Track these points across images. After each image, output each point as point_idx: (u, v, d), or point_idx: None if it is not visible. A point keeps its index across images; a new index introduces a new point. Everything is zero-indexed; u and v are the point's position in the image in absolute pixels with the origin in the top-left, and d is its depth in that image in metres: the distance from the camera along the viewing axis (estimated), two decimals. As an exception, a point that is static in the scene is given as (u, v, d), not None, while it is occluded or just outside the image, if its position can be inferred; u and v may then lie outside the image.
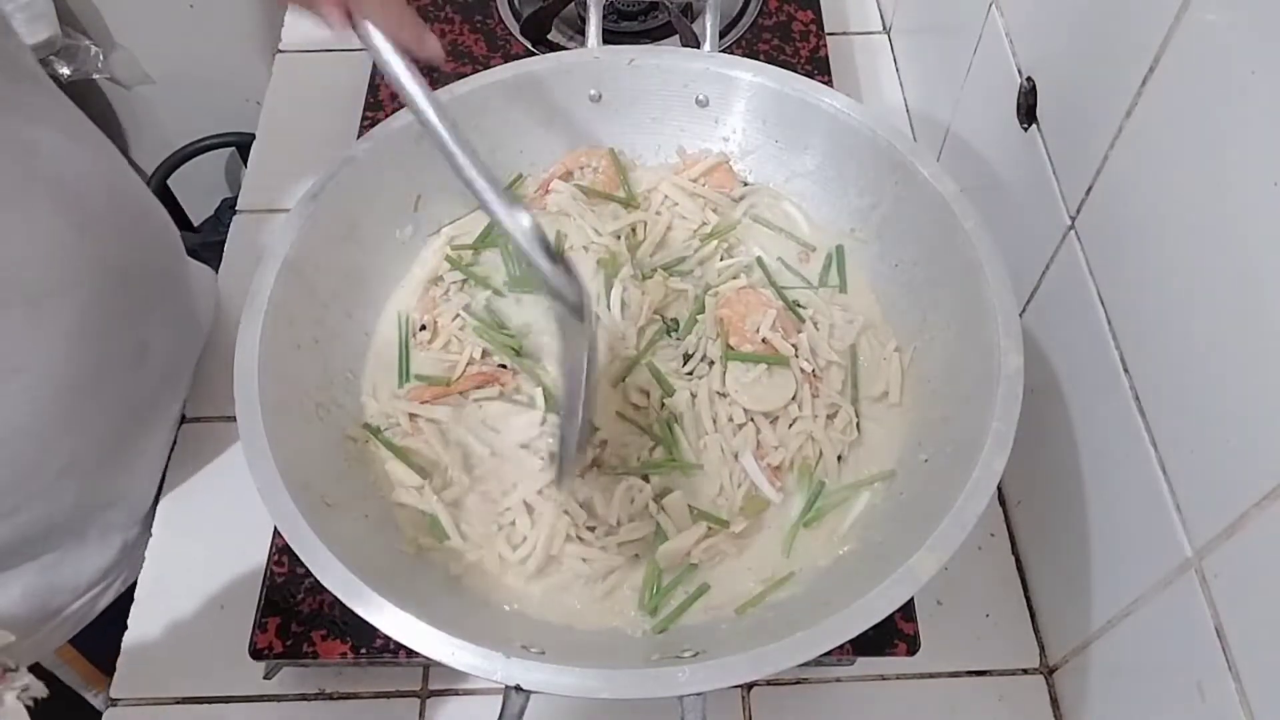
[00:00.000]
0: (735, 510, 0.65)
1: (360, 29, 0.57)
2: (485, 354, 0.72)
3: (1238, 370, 0.49)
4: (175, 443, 0.81)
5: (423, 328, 0.73)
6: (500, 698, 0.52)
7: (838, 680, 0.71)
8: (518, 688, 0.52)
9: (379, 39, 0.57)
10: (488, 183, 0.57)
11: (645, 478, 0.65)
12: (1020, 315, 0.64)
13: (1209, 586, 0.52)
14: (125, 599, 0.76)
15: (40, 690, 0.52)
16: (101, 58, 1.42)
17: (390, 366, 0.72)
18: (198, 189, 1.60)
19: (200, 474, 0.80)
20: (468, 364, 0.70)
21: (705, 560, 0.64)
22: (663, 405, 0.68)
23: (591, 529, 0.64)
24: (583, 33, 0.85)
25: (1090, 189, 0.62)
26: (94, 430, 0.70)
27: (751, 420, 0.67)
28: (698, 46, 0.79)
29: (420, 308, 0.74)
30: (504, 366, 0.70)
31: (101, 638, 0.77)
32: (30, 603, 0.73)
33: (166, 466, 0.80)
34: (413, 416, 0.68)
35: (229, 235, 0.94)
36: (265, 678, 0.70)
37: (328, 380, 0.69)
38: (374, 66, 0.96)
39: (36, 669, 0.74)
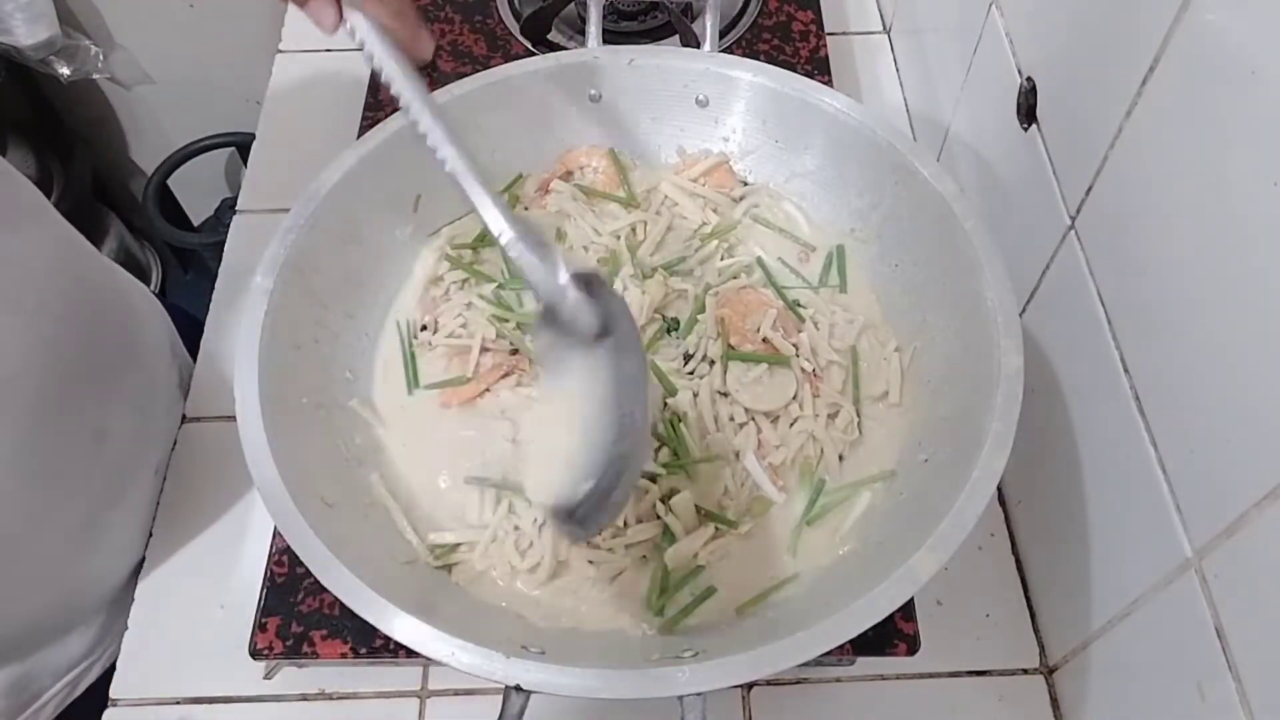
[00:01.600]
0: (742, 511, 0.65)
1: (352, 20, 0.55)
2: (494, 341, 0.71)
3: (1238, 370, 0.49)
4: (155, 517, 0.79)
5: (423, 328, 0.73)
6: (500, 698, 0.52)
7: (838, 680, 0.71)
8: (518, 688, 0.52)
9: (372, 35, 0.55)
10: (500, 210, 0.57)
11: (652, 479, 0.65)
12: (1020, 315, 0.64)
13: (1209, 586, 0.52)
14: (108, 677, 0.74)
15: None
16: (101, 58, 1.42)
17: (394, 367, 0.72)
18: (198, 189, 1.61)
19: (200, 474, 0.80)
20: (480, 350, 0.70)
21: (712, 561, 0.64)
22: (665, 405, 0.68)
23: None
24: (583, 33, 0.85)
25: (1090, 189, 0.62)
26: (57, 522, 0.68)
27: (752, 419, 0.67)
28: (698, 46, 0.79)
29: (420, 308, 0.74)
30: (516, 352, 0.70)
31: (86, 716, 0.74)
32: (9, 694, 0.70)
33: (149, 537, 0.78)
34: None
35: (229, 235, 0.94)
36: (265, 678, 0.70)
37: (328, 380, 0.69)
38: (374, 66, 0.96)
39: None
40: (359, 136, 0.75)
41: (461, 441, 0.69)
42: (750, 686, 0.71)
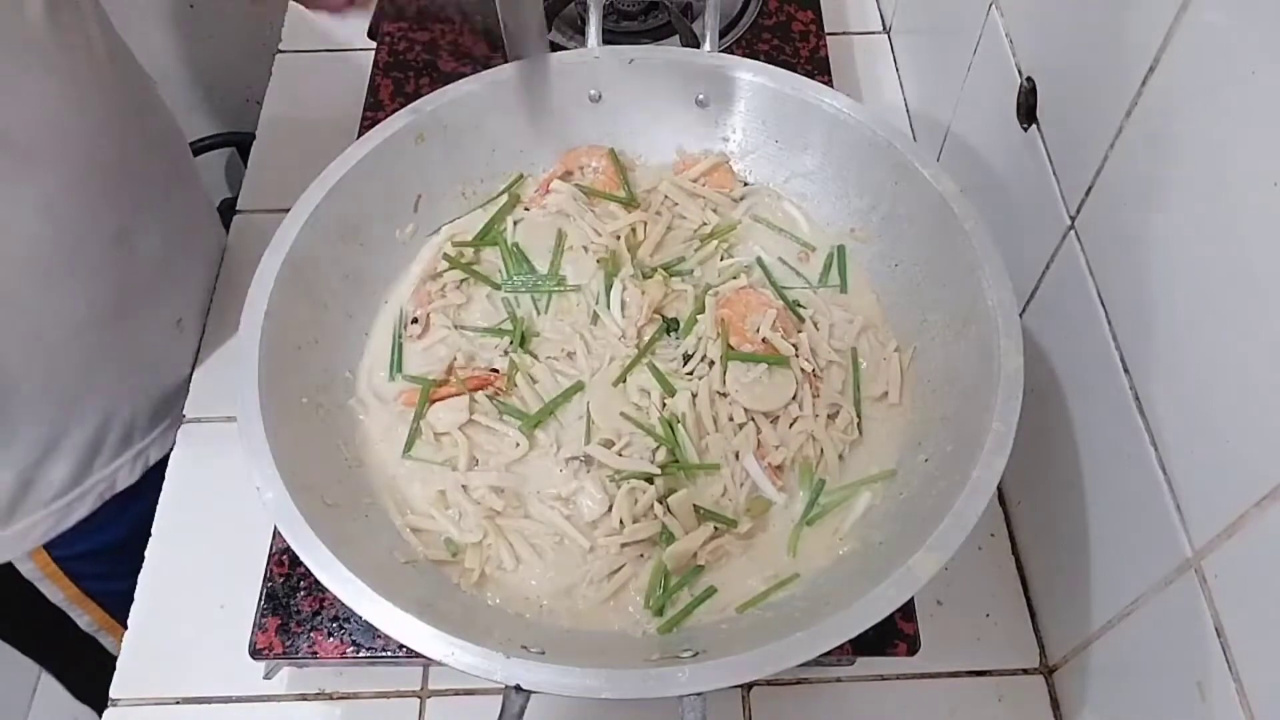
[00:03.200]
0: (740, 510, 0.65)
1: None
2: (469, 361, 0.71)
3: (1238, 370, 0.49)
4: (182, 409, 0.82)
5: (414, 320, 0.73)
6: (500, 698, 0.52)
7: (838, 680, 0.71)
8: (518, 688, 0.52)
9: None
10: None
11: (649, 479, 0.65)
12: (1020, 315, 0.64)
13: (1209, 586, 0.52)
14: (105, 530, 0.78)
15: None
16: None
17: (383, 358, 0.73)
18: None
19: (200, 474, 0.80)
20: (449, 370, 0.70)
21: (712, 561, 0.64)
22: (664, 405, 0.68)
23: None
24: (583, 33, 0.85)
25: (1090, 189, 0.62)
26: (73, 307, 0.70)
27: (752, 420, 0.67)
28: (698, 46, 0.79)
29: (415, 300, 0.74)
30: (495, 371, 0.70)
31: (110, 582, 0.79)
32: (82, 449, 0.75)
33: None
34: (437, 434, 0.68)
35: (229, 235, 0.94)
36: (265, 678, 0.70)
37: (328, 380, 0.69)
38: (374, 65, 0.96)
39: (56, 612, 0.81)
40: (359, 136, 0.75)
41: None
42: (750, 686, 0.71)
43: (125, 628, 0.73)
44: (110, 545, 0.81)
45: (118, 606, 0.76)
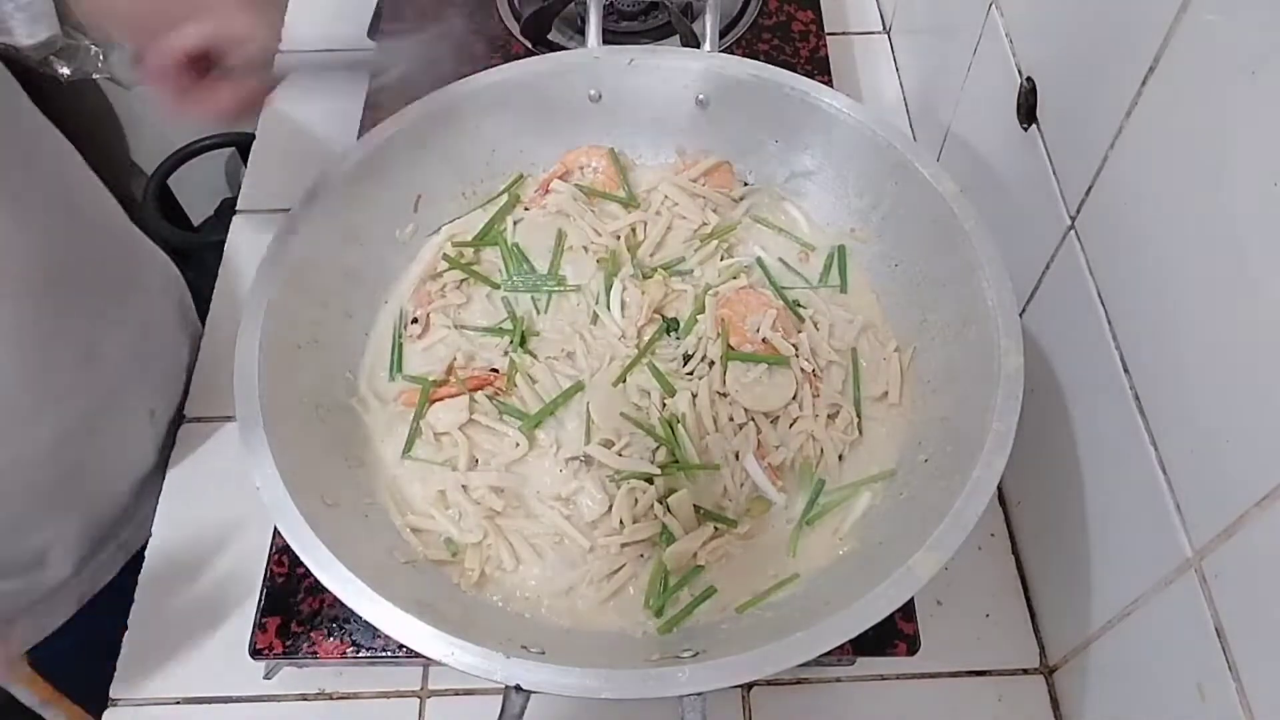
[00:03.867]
0: (740, 511, 0.65)
1: None
2: (469, 361, 0.71)
3: (1238, 370, 0.49)
4: (172, 444, 0.81)
5: (414, 320, 0.73)
6: (500, 698, 0.52)
7: (838, 680, 0.71)
8: (518, 688, 0.52)
9: None
10: None
11: (649, 479, 0.65)
12: (1020, 315, 0.64)
13: (1209, 586, 0.52)
14: (83, 624, 0.75)
15: None
16: (101, 58, 1.41)
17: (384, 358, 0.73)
18: (198, 189, 1.60)
19: (200, 474, 0.80)
20: (449, 370, 0.70)
21: (711, 561, 0.64)
22: (664, 405, 0.68)
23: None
24: (583, 33, 0.85)
25: (1090, 189, 0.62)
26: (41, 434, 0.68)
27: (752, 420, 0.67)
28: (698, 46, 0.79)
29: (415, 300, 0.74)
30: (495, 371, 0.71)
31: (86, 683, 0.75)
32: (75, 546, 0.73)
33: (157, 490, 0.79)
34: (437, 434, 0.68)
35: (229, 235, 0.94)
36: (265, 678, 0.70)
37: (328, 380, 0.69)
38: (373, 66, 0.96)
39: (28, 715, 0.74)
40: (359, 137, 0.75)
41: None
42: (750, 686, 0.71)
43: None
44: (88, 640, 0.78)
45: (94, 699, 0.73)
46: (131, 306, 0.78)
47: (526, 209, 0.79)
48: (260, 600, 0.68)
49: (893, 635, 0.65)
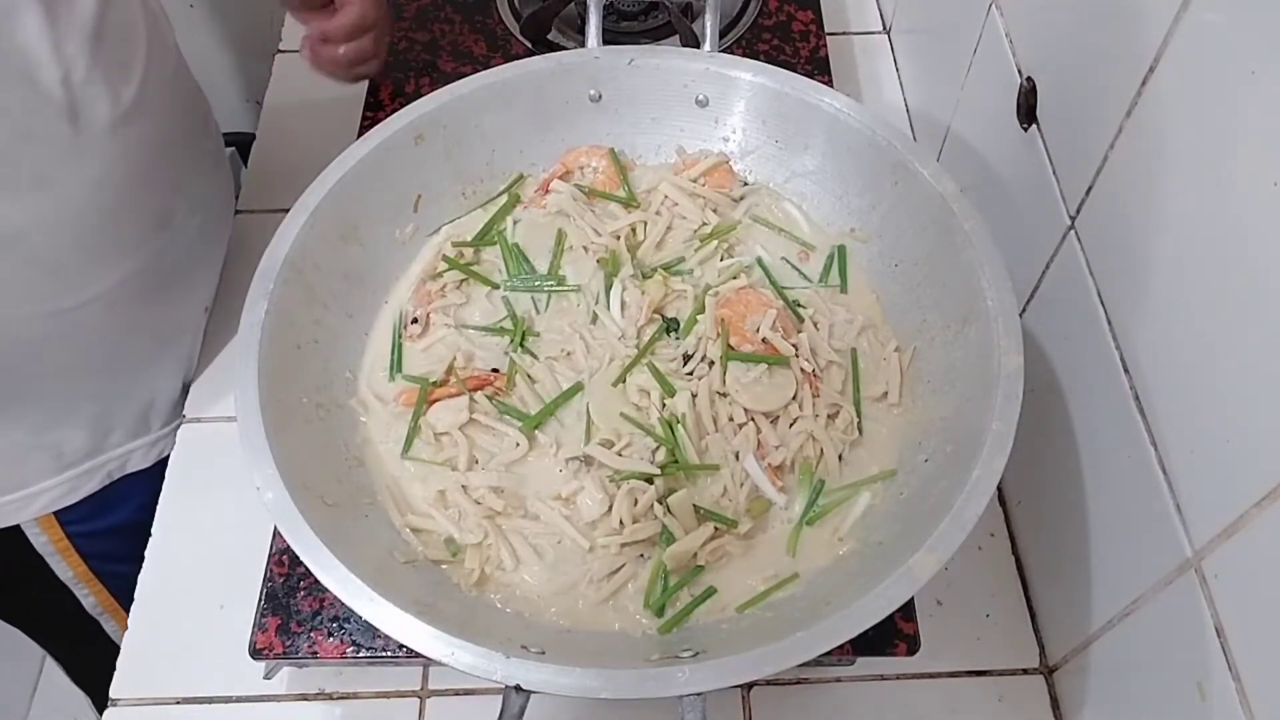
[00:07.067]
0: (740, 511, 0.65)
1: None
2: (469, 361, 0.72)
3: (1238, 370, 0.49)
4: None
5: (414, 320, 0.73)
6: (500, 698, 0.52)
7: (837, 680, 0.71)
8: (518, 688, 0.52)
9: None
10: None
11: (649, 479, 0.65)
12: (1020, 315, 0.64)
13: (1209, 586, 0.52)
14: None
15: None
16: None
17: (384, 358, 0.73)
18: None
19: (200, 474, 0.80)
20: (449, 370, 0.70)
21: (711, 561, 0.64)
22: (663, 405, 0.68)
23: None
24: (583, 33, 0.85)
25: (1090, 189, 0.62)
26: (104, 288, 0.72)
27: (752, 420, 0.67)
28: (698, 46, 0.79)
29: (415, 300, 0.74)
30: (495, 371, 0.71)
31: (117, 564, 0.81)
32: (89, 426, 0.77)
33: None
34: (437, 434, 0.68)
35: (229, 235, 0.94)
36: (265, 678, 0.70)
37: (328, 380, 0.69)
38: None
39: (63, 591, 0.85)
40: (359, 136, 0.75)
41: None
42: (750, 686, 0.71)
43: (128, 612, 0.74)
44: (120, 525, 0.82)
45: (122, 589, 0.78)
46: (205, 191, 0.83)
47: (526, 209, 0.79)
48: (260, 600, 0.68)
49: (892, 635, 0.66)
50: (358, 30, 0.83)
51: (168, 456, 0.82)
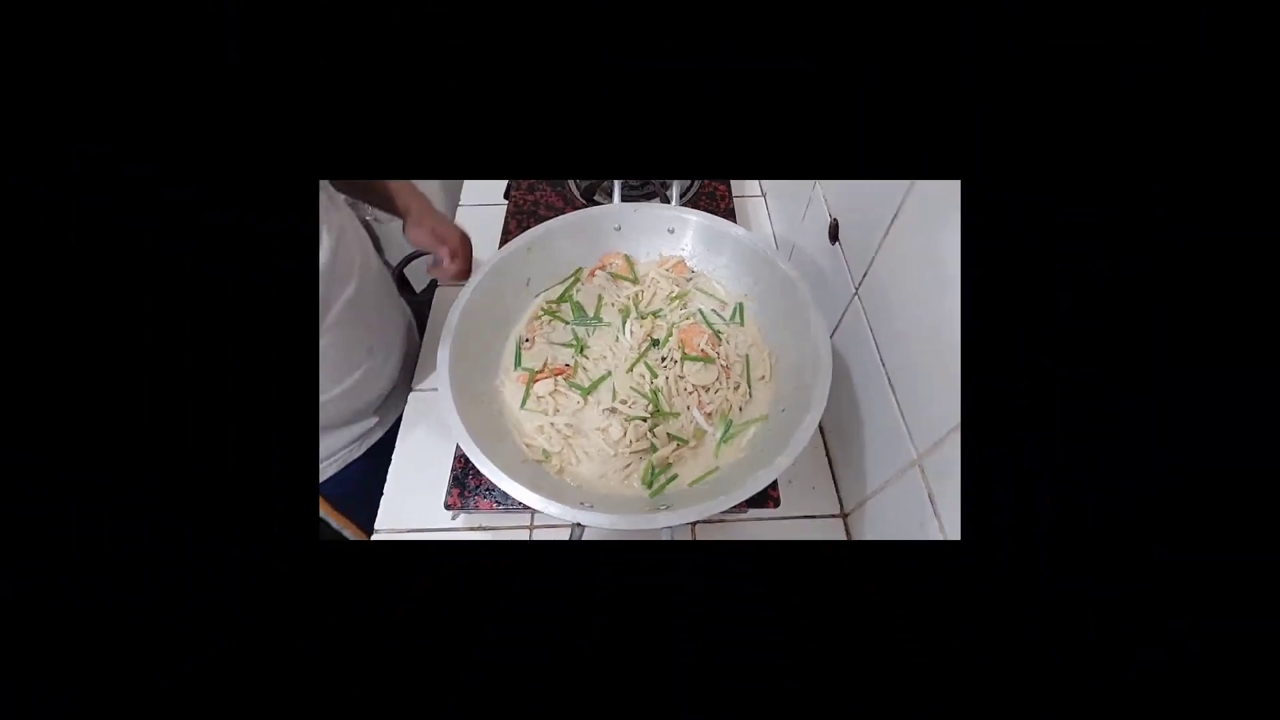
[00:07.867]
0: (690, 435, 0.64)
1: None
2: (554, 360, 0.70)
3: (932, 366, 0.49)
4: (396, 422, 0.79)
5: (526, 340, 0.72)
6: (569, 530, 0.52)
7: (739, 520, 0.71)
8: (578, 524, 0.52)
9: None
10: None
11: (644, 419, 0.64)
12: (831, 337, 0.63)
13: (926, 474, 0.52)
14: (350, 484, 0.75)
15: None
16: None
17: (511, 358, 0.71)
18: (416, 269, 1.54)
19: (422, 423, 0.78)
20: (544, 365, 0.69)
21: (675, 461, 0.63)
22: (652, 382, 0.67)
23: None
24: (611, 195, 0.84)
25: (866, 274, 0.61)
26: (347, 383, 0.69)
27: (695, 390, 0.67)
28: (669, 203, 0.78)
29: (527, 329, 0.73)
30: (568, 365, 0.70)
31: (355, 503, 0.75)
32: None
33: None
34: (539, 398, 0.66)
35: (433, 298, 0.90)
36: (452, 519, 0.69)
37: (486, 371, 0.68)
38: (506, 214, 0.95)
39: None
40: (499, 247, 0.74)
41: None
42: (696, 524, 0.71)
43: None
44: (351, 479, 0.77)
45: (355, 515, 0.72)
46: (392, 328, 0.77)
47: (582, 285, 0.78)
48: (449, 481, 0.67)
49: (766, 497, 0.65)
50: (461, 277, 0.73)
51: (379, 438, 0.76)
